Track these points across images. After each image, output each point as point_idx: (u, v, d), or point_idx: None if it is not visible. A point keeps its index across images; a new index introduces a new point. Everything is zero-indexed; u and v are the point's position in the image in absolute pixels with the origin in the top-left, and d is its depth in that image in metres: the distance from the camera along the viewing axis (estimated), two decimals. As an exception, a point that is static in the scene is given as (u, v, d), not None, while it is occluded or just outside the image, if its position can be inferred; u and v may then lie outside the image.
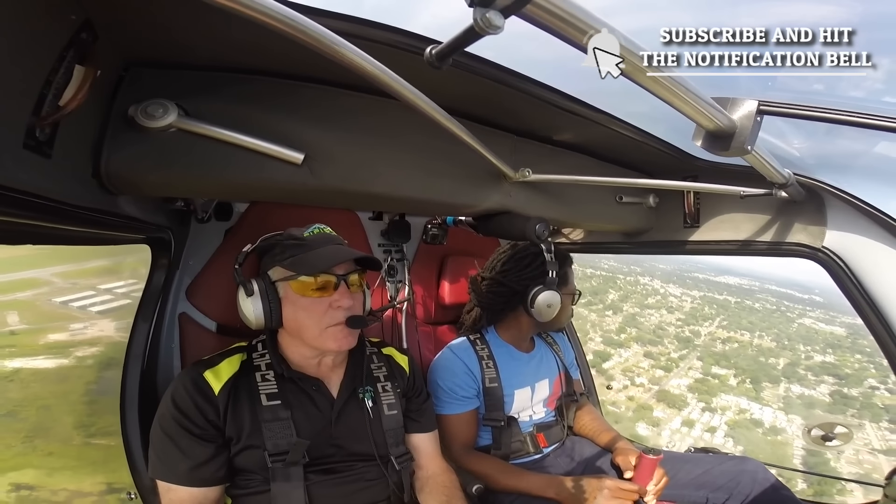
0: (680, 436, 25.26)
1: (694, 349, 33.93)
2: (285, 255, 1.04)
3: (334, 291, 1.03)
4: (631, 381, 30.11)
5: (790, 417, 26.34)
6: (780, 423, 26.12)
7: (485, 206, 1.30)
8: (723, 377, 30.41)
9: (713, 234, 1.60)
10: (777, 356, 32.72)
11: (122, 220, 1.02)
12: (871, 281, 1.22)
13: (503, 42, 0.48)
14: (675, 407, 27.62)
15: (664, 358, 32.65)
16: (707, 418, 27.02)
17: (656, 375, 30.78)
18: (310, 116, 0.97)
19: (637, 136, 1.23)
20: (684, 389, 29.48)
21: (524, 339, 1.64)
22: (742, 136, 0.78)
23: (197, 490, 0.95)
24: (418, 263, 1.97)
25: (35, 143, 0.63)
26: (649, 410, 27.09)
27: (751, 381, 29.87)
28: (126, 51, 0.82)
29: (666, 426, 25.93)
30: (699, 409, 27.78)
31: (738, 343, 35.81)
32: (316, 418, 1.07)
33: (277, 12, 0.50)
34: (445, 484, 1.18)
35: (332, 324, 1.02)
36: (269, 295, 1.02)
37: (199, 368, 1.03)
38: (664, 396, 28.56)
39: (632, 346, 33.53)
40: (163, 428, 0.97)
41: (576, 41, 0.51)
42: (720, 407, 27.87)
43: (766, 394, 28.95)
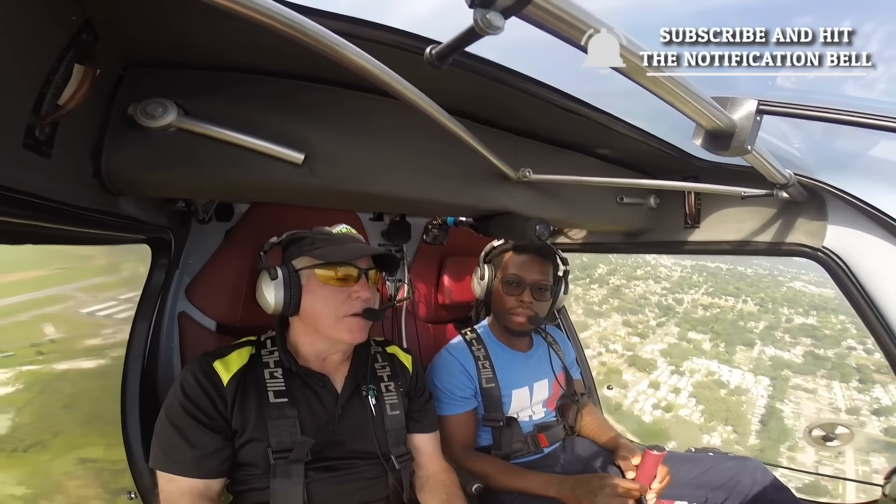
0: (645, 396, 25.93)
1: (674, 316, 33.82)
2: (314, 246, 1.07)
3: (355, 283, 1.07)
4: (605, 347, 30.53)
5: (758, 379, 26.62)
6: (746, 385, 26.53)
7: (485, 206, 1.30)
8: (697, 342, 30.59)
9: (714, 235, 1.60)
10: (757, 320, 32.51)
11: (122, 220, 1.02)
12: (871, 281, 1.22)
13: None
14: (645, 371, 28.05)
15: (642, 326, 32.75)
16: (675, 380, 27.52)
17: (631, 342, 31.05)
18: (310, 116, 0.97)
19: (638, 137, 1.23)
20: (657, 354, 29.85)
21: (514, 337, 1.63)
22: (742, 136, 0.78)
23: (200, 482, 0.95)
24: (418, 263, 1.97)
25: (35, 143, 0.63)
26: (618, 374, 27.59)
27: (725, 345, 30.03)
28: (126, 50, 0.82)
29: (633, 388, 26.47)
30: (668, 372, 28.24)
31: (720, 308, 35.52)
32: (320, 415, 1.08)
33: (277, 12, 0.50)
34: (445, 483, 1.18)
35: (350, 313, 1.05)
36: (291, 281, 1.05)
37: (209, 359, 1.03)
38: (635, 361, 28.95)
39: (612, 316, 33.52)
40: (170, 417, 0.97)
41: (576, 41, 0.51)
42: (689, 370, 28.28)
43: (739, 357, 29.12)
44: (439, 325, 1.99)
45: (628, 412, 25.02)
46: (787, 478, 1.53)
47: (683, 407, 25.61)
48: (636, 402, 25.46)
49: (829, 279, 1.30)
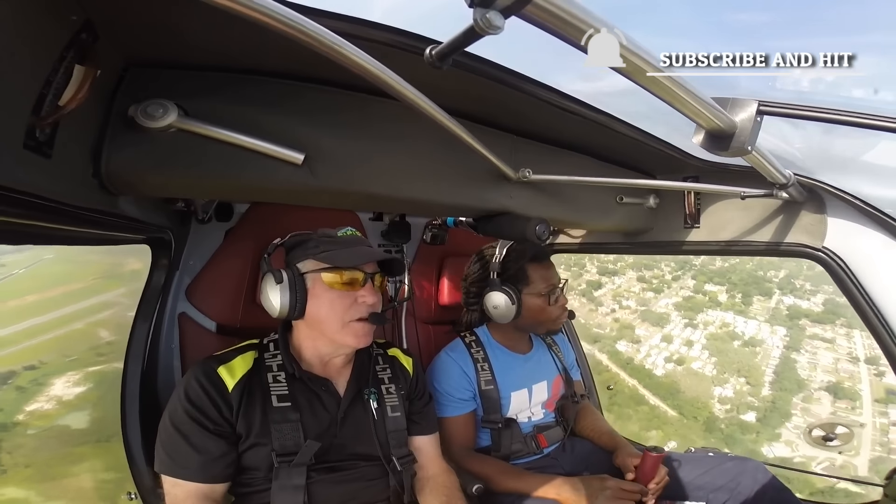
0: (657, 350, 25.91)
1: (690, 269, 33.33)
2: (319, 249, 1.07)
3: (361, 287, 1.07)
4: (619, 304, 30.44)
5: (774, 329, 26.38)
6: (761, 336, 26.31)
7: (485, 206, 1.30)
8: (713, 294, 30.19)
9: (714, 235, 1.60)
10: (777, 269, 31.46)
11: (122, 220, 1.02)
12: (872, 281, 1.22)
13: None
14: (658, 325, 27.96)
15: (657, 280, 32.44)
16: (688, 333, 27.40)
17: (645, 297, 30.86)
18: (310, 117, 0.97)
19: (638, 137, 1.23)
20: (671, 308, 29.62)
21: (516, 340, 1.63)
22: (742, 137, 0.78)
23: (206, 486, 0.95)
24: (418, 263, 1.97)
25: (35, 143, 0.63)
26: (631, 329, 27.63)
27: (742, 296, 29.59)
28: (126, 51, 0.82)
29: (646, 342, 26.47)
30: (682, 325, 28.16)
31: (739, 258, 34.97)
32: (323, 418, 1.08)
33: (277, 12, 0.50)
34: (446, 484, 1.19)
35: (356, 318, 1.05)
36: (296, 285, 1.04)
37: (213, 364, 1.03)
38: (648, 316, 28.86)
39: (626, 273, 33.25)
40: (175, 423, 0.96)
41: (576, 41, 0.51)
42: (703, 322, 28.07)
43: (756, 307, 28.74)
44: (439, 326, 1.99)
45: (639, 366, 25.04)
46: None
47: (696, 360, 25.47)
48: (648, 356, 25.47)
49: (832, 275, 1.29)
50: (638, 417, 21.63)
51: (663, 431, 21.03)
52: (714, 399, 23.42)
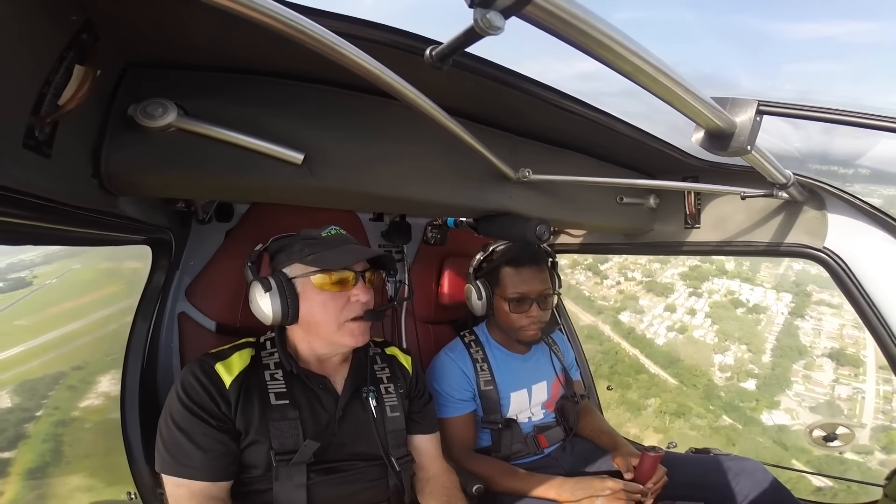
0: (660, 320, 25.72)
1: None
2: (305, 252, 1.05)
3: (353, 287, 1.05)
4: (624, 276, 30.10)
5: (780, 296, 25.97)
6: (766, 303, 25.98)
7: (485, 207, 1.30)
8: (720, 262, 29.55)
9: (714, 235, 1.60)
10: None
11: (122, 220, 1.02)
12: (872, 281, 1.22)
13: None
14: (662, 295, 27.69)
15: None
16: (692, 302, 27.08)
17: (651, 269, 30.39)
18: (310, 117, 0.97)
19: (638, 137, 1.23)
20: (676, 278, 29.26)
21: (514, 339, 1.63)
22: (742, 136, 0.77)
23: (210, 484, 0.94)
24: (418, 264, 1.97)
25: (35, 143, 0.63)
26: (635, 300, 27.38)
27: (750, 262, 28.90)
28: (126, 51, 0.82)
29: (649, 312, 26.25)
30: (686, 294, 27.85)
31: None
32: (321, 417, 1.07)
33: (277, 12, 0.50)
34: (446, 485, 1.18)
35: (351, 318, 1.04)
36: (286, 291, 1.02)
37: (210, 361, 1.02)
38: (653, 286, 28.60)
39: None
40: (175, 421, 0.95)
41: (576, 42, 0.50)
42: (708, 290, 27.73)
43: (763, 274, 28.27)
44: (439, 326, 1.99)
45: (641, 336, 24.88)
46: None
47: (698, 328, 25.27)
48: (650, 325, 25.31)
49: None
50: (637, 386, 21.63)
51: (661, 399, 20.98)
52: (714, 367, 23.27)
